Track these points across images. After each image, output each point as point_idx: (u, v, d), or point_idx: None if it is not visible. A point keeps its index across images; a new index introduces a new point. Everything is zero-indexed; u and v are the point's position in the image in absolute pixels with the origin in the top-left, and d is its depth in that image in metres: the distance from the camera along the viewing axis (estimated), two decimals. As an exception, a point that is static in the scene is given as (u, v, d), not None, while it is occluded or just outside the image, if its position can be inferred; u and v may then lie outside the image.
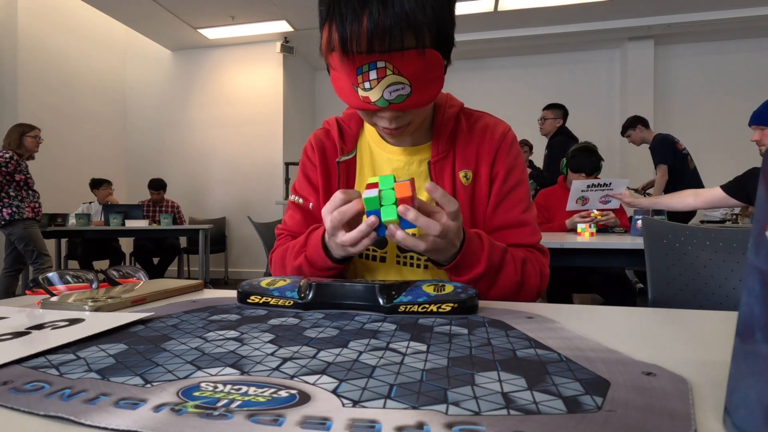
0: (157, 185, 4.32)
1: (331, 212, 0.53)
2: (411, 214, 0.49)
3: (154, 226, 3.87)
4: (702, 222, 3.68)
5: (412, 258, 0.69)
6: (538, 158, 4.26)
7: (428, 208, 0.53)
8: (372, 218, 0.51)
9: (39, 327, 0.39)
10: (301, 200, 0.75)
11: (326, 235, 0.59)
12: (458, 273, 0.60)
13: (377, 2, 0.53)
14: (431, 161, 0.68)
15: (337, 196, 0.54)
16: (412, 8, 0.53)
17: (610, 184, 2.09)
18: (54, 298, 0.50)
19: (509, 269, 0.62)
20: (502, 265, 0.61)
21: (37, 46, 4.22)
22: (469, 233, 0.59)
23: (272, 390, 0.25)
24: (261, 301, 0.50)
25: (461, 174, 0.68)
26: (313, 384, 0.26)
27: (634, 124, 3.45)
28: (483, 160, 0.69)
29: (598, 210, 2.11)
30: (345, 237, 0.53)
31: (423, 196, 0.68)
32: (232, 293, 0.57)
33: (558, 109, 3.52)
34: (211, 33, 4.63)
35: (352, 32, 0.54)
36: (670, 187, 3.23)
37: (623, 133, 3.55)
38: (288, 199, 0.77)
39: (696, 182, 3.24)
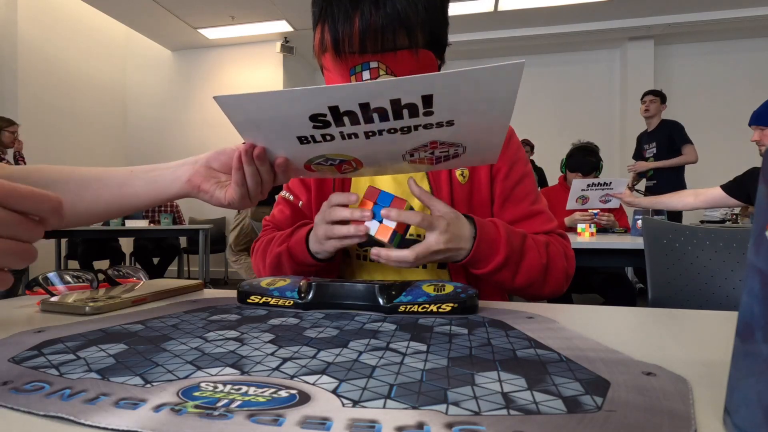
0: None
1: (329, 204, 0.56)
2: (393, 213, 0.51)
3: (154, 226, 3.87)
4: (702, 222, 3.68)
5: None
6: (540, 158, 4.27)
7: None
8: (363, 227, 0.53)
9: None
10: (291, 197, 0.75)
11: (315, 220, 0.60)
12: (476, 266, 0.58)
13: (369, 3, 0.53)
14: (427, 170, 0.68)
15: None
16: (404, 8, 0.53)
17: (611, 183, 2.09)
18: (54, 298, 0.50)
19: (532, 254, 0.60)
20: (523, 251, 0.60)
21: (37, 45, 4.22)
22: (482, 222, 0.58)
23: (272, 390, 0.25)
24: (261, 301, 0.50)
25: (458, 172, 0.68)
26: (313, 384, 0.26)
27: (663, 97, 3.36)
28: None
29: (599, 209, 2.12)
30: (337, 211, 0.54)
31: (415, 204, 0.69)
32: (232, 293, 0.57)
33: None
34: (211, 33, 4.63)
35: (344, 33, 0.54)
36: (662, 186, 3.23)
37: (646, 96, 3.38)
38: (279, 193, 0.78)
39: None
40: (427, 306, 0.45)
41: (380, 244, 0.70)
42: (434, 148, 0.49)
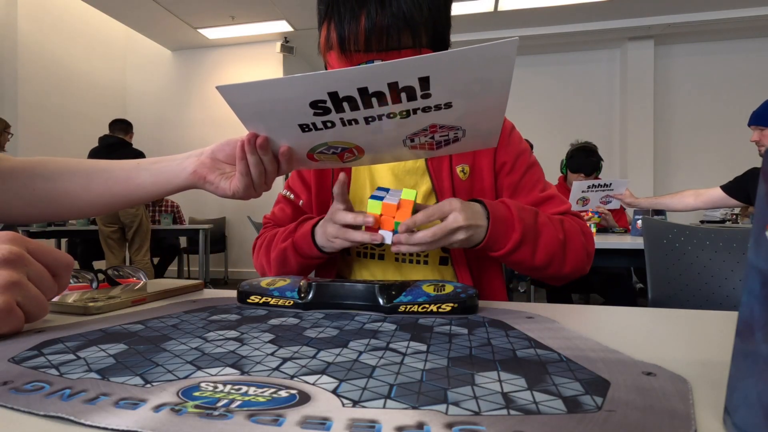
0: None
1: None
2: (403, 239, 0.52)
3: (154, 226, 3.87)
4: (702, 222, 3.68)
5: (411, 255, 0.69)
6: (539, 158, 4.27)
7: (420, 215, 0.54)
8: (371, 218, 0.53)
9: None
10: (292, 196, 0.75)
11: (323, 221, 0.60)
12: (495, 246, 0.57)
13: (375, 2, 0.54)
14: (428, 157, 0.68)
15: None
16: (410, 8, 0.54)
17: (611, 184, 2.09)
18: (54, 298, 0.50)
19: (548, 229, 0.59)
20: (537, 225, 0.59)
21: (37, 46, 4.22)
22: (491, 203, 0.57)
23: (272, 390, 0.25)
24: (261, 301, 0.50)
25: (458, 168, 0.68)
26: (313, 384, 0.26)
27: None
28: (481, 153, 0.69)
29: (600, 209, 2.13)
30: (343, 215, 0.55)
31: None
32: (232, 293, 0.57)
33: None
34: (211, 33, 4.63)
35: (350, 31, 0.55)
36: None
37: None
38: (280, 192, 0.78)
39: None
40: (427, 306, 0.45)
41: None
42: (434, 132, 0.50)
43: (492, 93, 0.44)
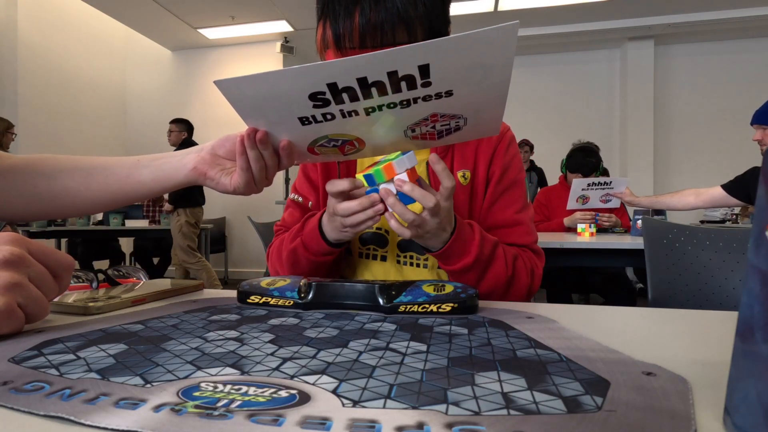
0: None
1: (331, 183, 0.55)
2: (407, 187, 0.51)
3: (154, 226, 3.87)
4: (702, 222, 3.68)
5: (412, 257, 0.69)
6: (539, 158, 4.27)
7: (423, 186, 0.53)
8: (374, 195, 0.52)
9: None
10: (300, 199, 0.75)
11: (325, 215, 0.59)
12: (448, 261, 0.59)
13: None
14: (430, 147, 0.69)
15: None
16: (404, 4, 0.54)
17: (611, 182, 2.09)
18: (54, 299, 0.50)
19: (499, 263, 0.61)
20: (492, 257, 0.61)
21: (37, 46, 4.22)
22: (461, 221, 0.59)
23: (272, 390, 0.25)
24: (261, 301, 0.50)
25: (459, 174, 0.68)
26: (313, 384, 0.26)
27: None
28: (481, 160, 0.69)
29: (598, 209, 2.13)
30: (341, 205, 0.53)
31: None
32: (232, 293, 0.57)
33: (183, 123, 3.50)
34: (211, 33, 4.63)
35: (345, 28, 0.55)
36: None
37: None
38: (288, 197, 0.78)
39: None
40: (427, 306, 0.45)
41: (379, 242, 0.70)
42: (435, 121, 0.49)
43: (493, 79, 0.43)
